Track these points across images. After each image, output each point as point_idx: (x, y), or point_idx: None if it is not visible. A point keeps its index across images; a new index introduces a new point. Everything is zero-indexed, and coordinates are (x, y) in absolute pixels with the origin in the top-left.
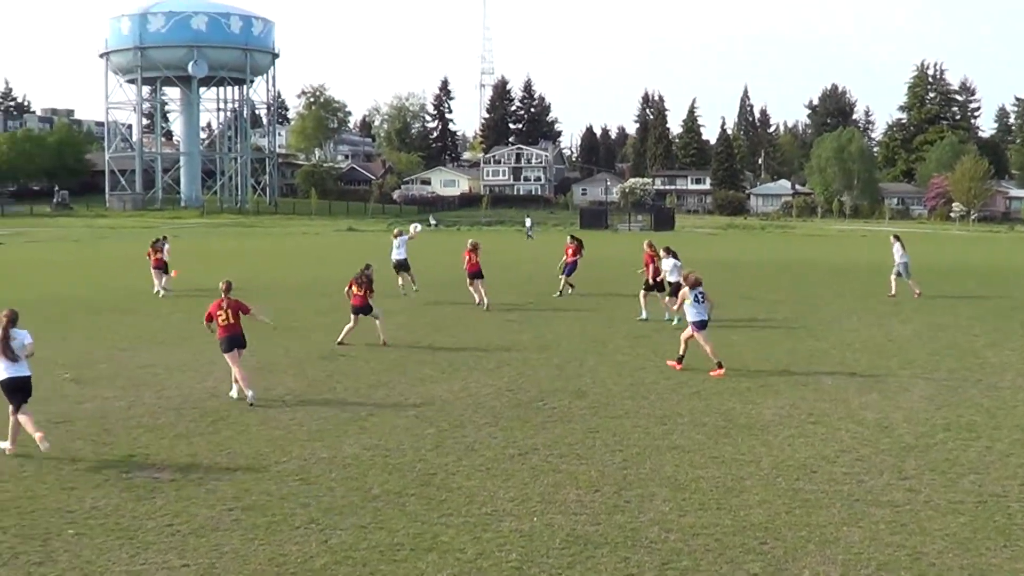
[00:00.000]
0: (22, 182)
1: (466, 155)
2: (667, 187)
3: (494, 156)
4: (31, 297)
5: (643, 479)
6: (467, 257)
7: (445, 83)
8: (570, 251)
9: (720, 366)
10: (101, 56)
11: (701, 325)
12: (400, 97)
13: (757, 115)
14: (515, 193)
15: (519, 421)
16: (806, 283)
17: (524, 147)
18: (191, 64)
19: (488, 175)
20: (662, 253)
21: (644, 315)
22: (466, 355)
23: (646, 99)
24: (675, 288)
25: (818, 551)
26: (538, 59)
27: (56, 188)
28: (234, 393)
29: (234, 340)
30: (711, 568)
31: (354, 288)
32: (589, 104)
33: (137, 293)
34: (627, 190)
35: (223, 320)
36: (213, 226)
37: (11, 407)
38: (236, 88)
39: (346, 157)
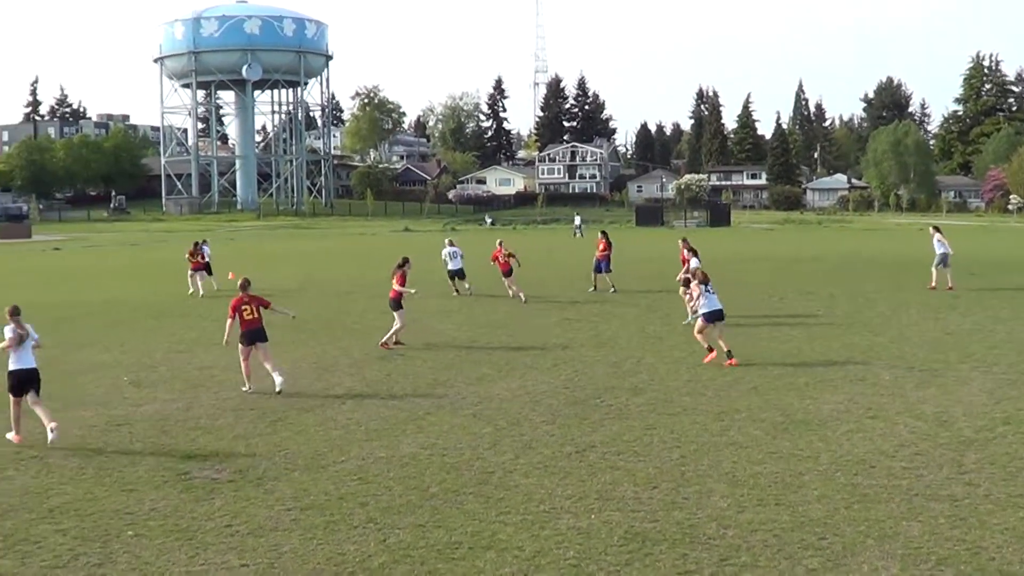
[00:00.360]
0: (79, 188)
1: (521, 154)
2: (723, 183)
3: (549, 154)
4: (90, 300)
5: (701, 475)
6: (496, 257)
7: (499, 82)
8: (601, 247)
9: (730, 355)
10: (155, 61)
11: (717, 315)
12: (454, 97)
13: (812, 109)
14: (570, 191)
15: (576, 419)
16: (863, 277)
17: (579, 145)
18: (245, 68)
19: (543, 173)
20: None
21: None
22: (523, 353)
23: (700, 95)
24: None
25: (877, 546)
26: (592, 56)
27: (113, 193)
28: (279, 382)
29: (256, 334)
30: (769, 564)
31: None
32: (643, 101)
33: (195, 295)
34: (682, 186)
35: (248, 314)
36: (269, 228)
37: (13, 398)
38: (290, 91)
39: (401, 158)
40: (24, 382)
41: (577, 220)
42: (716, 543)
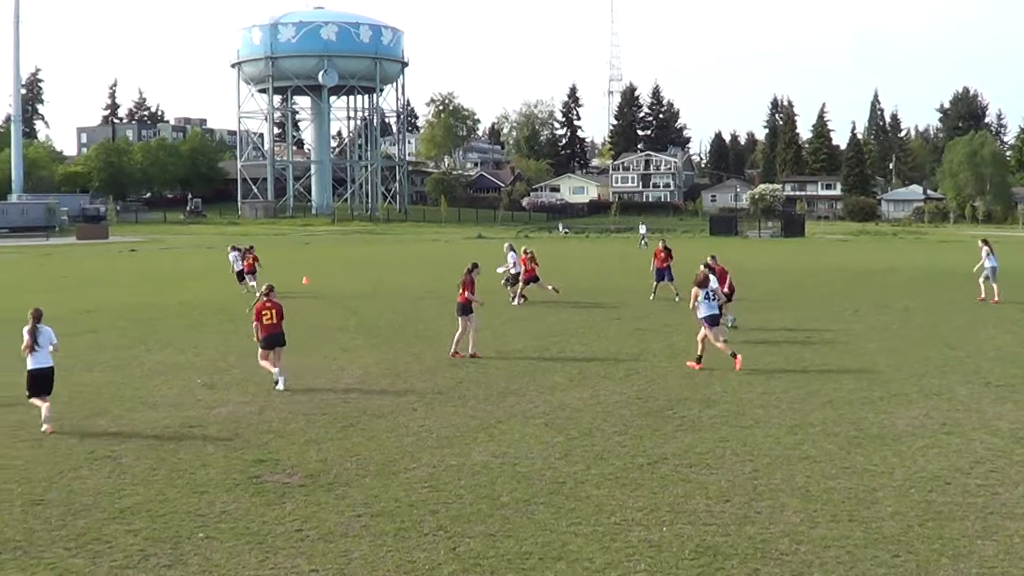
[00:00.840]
0: (156, 190)
1: (595, 162)
2: (797, 193)
3: (623, 163)
4: (165, 302)
5: (774, 489)
6: (523, 264)
7: (574, 90)
8: (660, 257)
9: (735, 356)
10: (233, 66)
11: (713, 320)
12: (529, 104)
13: (888, 119)
14: (644, 200)
15: (649, 430)
16: (939, 290)
17: (653, 153)
18: (321, 74)
19: (617, 182)
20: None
21: (731, 320)
22: (596, 363)
23: (775, 104)
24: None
25: (951, 565)
26: (666, 65)
27: (189, 196)
28: (281, 383)
29: (275, 339)
30: None
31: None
32: (718, 110)
33: None
34: (757, 196)
35: (267, 319)
36: (343, 233)
37: (27, 393)
38: (366, 96)
39: (475, 165)
40: (37, 379)
41: (642, 229)
42: (788, 559)
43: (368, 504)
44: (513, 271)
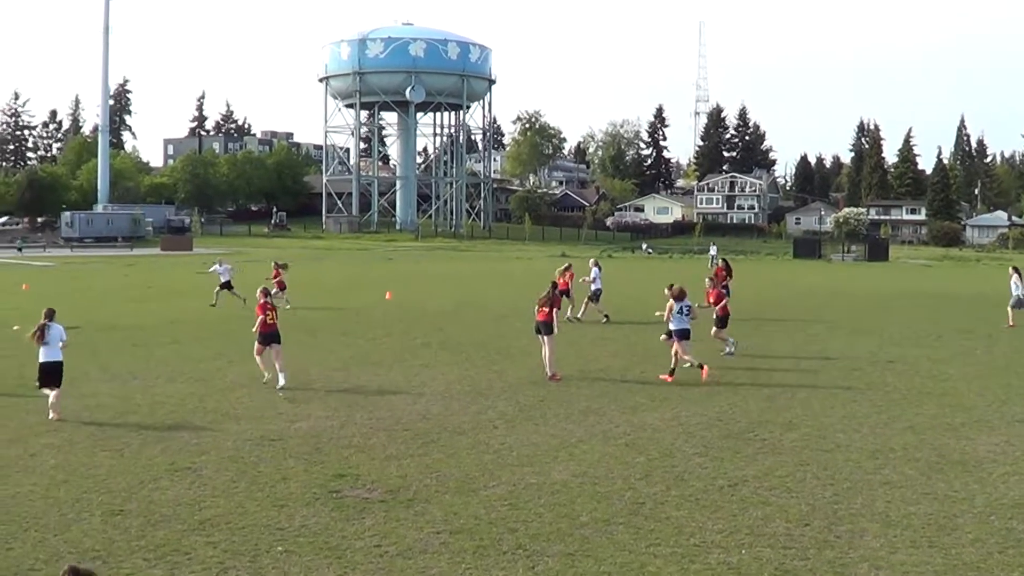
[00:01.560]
0: (241, 203)
1: (680, 182)
2: (881, 217)
3: (708, 184)
4: (248, 314)
5: (854, 514)
6: (561, 280)
7: (660, 110)
8: (719, 274)
9: (702, 367)
10: (320, 81)
11: (683, 334)
12: (615, 124)
13: (974, 145)
14: (728, 221)
15: (729, 452)
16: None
17: (738, 175)
18: (409, 90)
19: (701, 203)
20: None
21: (729, 348)
22: (677, 384)
23: (862, 128)
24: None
25: None
26: (753, 87)
27: (274, 209)
28: (282, 380)
29: (272, 335)
30: None
31: (539, 305)
32: (804, 132)
33: (352, 313)
34: (841, 220)
35: (270, 319)
36: (427, 249)
37: (37, 383)
38: (452, 113)
39: (560, 183)
40: (45, 373)
41: (713, 250)
42: None
43: (447, 521)
44: (594, 287)
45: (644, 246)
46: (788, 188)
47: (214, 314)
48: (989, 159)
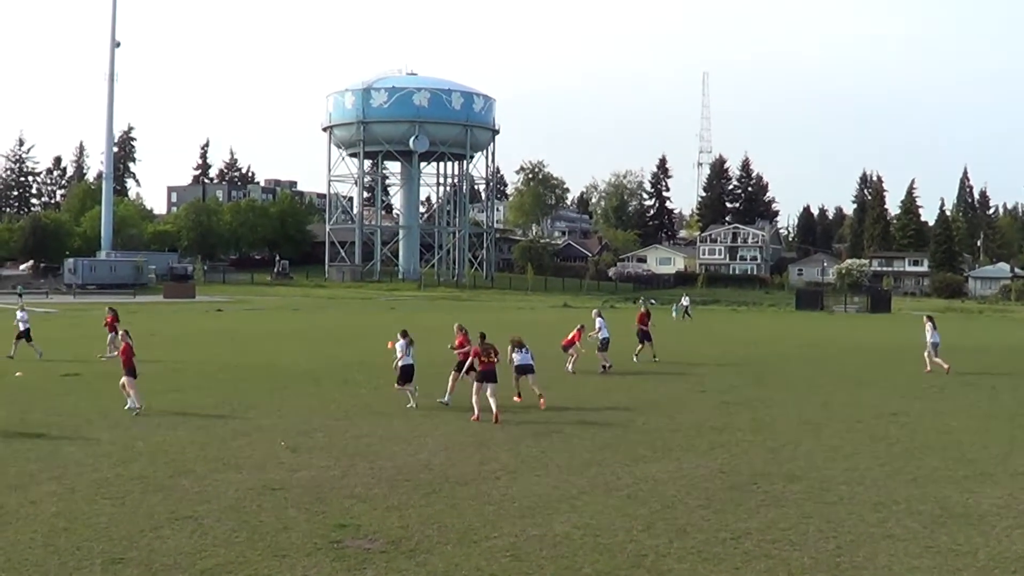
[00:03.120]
0: (244, 251)
1: (682, 233)
2: (884, 268)
3: (710, 235)
4: (250, 363)
5: (856, 567)
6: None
7: (663, 161)
8: (642, 320)
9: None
10: (324, 130)
11: (523, 369)
12: (618, 174)
13: (977, 196)
14: (731, 272)
15: (732, 504)
16: None
17: (741, 226)
18: (412, 139)
19: (704, 254)
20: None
21: (446, 398)
22: (680, 435)
23: (864, 179)
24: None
25: None
26: (756, 138)
27: (277, 257)
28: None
29: (131, 370)
30: None
31: (482, 356)
32: (807, 184)
33: (355, 364)
34: (843, 271)
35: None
36: (430, 299)
37: None
38: (456, 163)
39: (563, 233)
40: None
41: (685, 301)
42: None
43: (449, 572)
44: (601, 336)
45: (642, 300)
46: (791, 239)
47: (216, 362)
48: (992, 211)
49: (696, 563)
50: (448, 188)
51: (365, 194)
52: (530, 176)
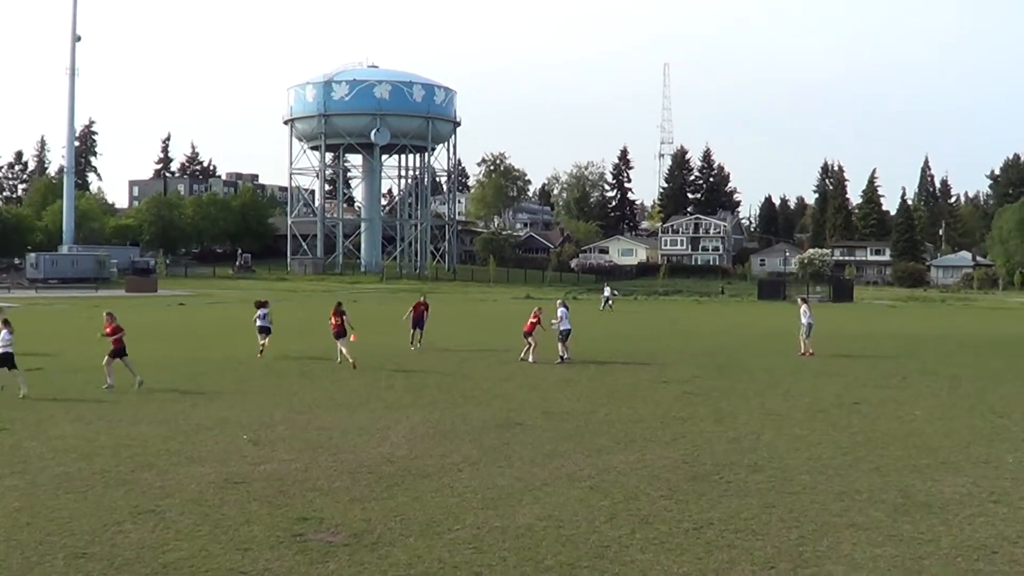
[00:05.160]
0: (206, 244)
1: (644, 224)
2: (846, 258)
3: (672, 226)
4: (212, 357)
5: (820, 557)
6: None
7: (624, 152)
8: (417, 309)
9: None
10: (285, 123)
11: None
12: (579, 166)
13: (938, 185)
14: (693, 263)
15: (694, 494)
16: (988, 357)
17: (702, 217)
18: (374, 132)
19: (666, 244)
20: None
21: (110, 382)
22: (642, 426)
23: (826, 169)
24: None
25: None
26: (717, 129)
27: (239, 251)
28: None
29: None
30: None
31: (332, 318)
32: (768, 174)
33: (316, 357)
34: (805, 261)
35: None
36: (392, 291)
37: None
38: (417, 155)
39: (525, 225)
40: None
41: (607, 291)
42: None
43: (411, 564)
44: (562, 327)
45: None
46: (752, 229)
47: (178, 356)
48: (953, 200)
49: (659, 553)
50: (410, 180)
51: (327, 187)
52: (491, 168)
